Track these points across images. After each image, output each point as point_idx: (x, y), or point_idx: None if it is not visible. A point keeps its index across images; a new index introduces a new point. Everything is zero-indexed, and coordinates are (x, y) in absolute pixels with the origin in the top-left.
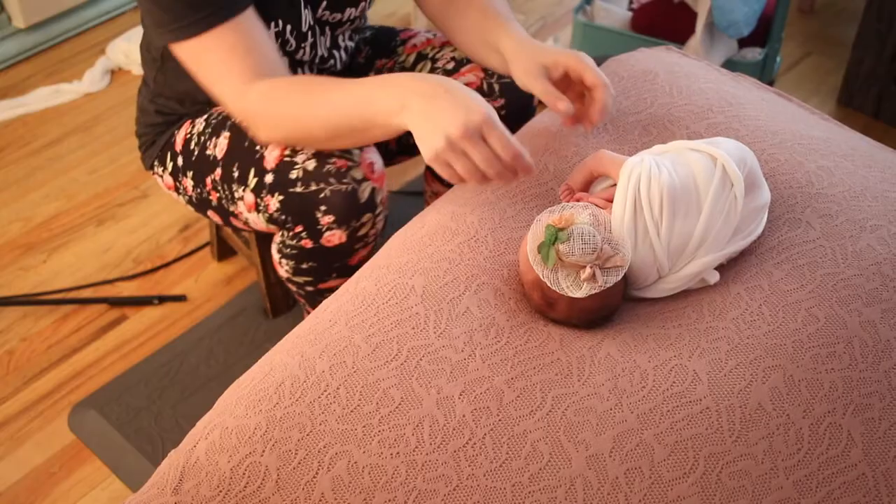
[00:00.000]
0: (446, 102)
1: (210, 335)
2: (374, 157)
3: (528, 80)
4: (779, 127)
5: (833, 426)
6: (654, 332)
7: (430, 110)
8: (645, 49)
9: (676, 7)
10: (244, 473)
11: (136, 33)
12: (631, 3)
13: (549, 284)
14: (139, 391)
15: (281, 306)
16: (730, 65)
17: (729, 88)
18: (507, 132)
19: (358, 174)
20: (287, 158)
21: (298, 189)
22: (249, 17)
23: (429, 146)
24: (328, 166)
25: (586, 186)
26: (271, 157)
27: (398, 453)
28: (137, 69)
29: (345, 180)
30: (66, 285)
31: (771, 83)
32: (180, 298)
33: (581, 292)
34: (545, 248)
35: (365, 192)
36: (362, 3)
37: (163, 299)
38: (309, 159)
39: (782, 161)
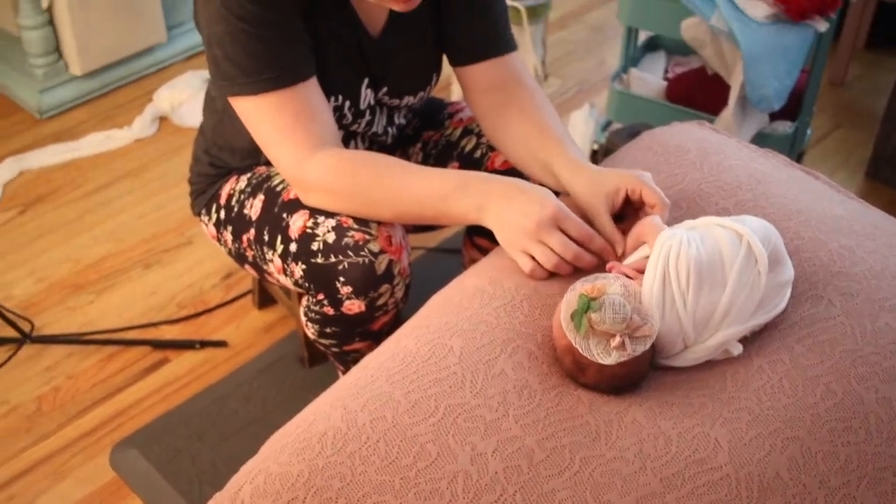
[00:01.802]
0: (521, 202)
1: (249, 381)
2: (393, 229)
3: (593, 215)
4: (804, 205)
5: (847, 498)
6: (679, 400)
7: (508, 210)
8: (678, 123)
9: (710, 79)
10: None
11: (180, 81)
12: (666, 73)
13: (580, 350)
14: (179, 432)
15: (318, 356)
16: (760, 137)
17: (758, 166)
18: (579, 219)
19: (375, 247)
20: (309, 230)
21: (319, 260)
22: (314, 86)
23: (509, 241)
24: (346, 239)
25: (635, 246)
26: (295, 227)
27: None
28: (179, 120)
29: (362, 253)
30: (112, 326)
31: (801, 155)
32: (221, 344)
33: (611, 359)
34: (578, 315)
35: (382, 264)
36: (421, 93)
37: (204, 344)
38: (329, 232)
39: (806, 239)
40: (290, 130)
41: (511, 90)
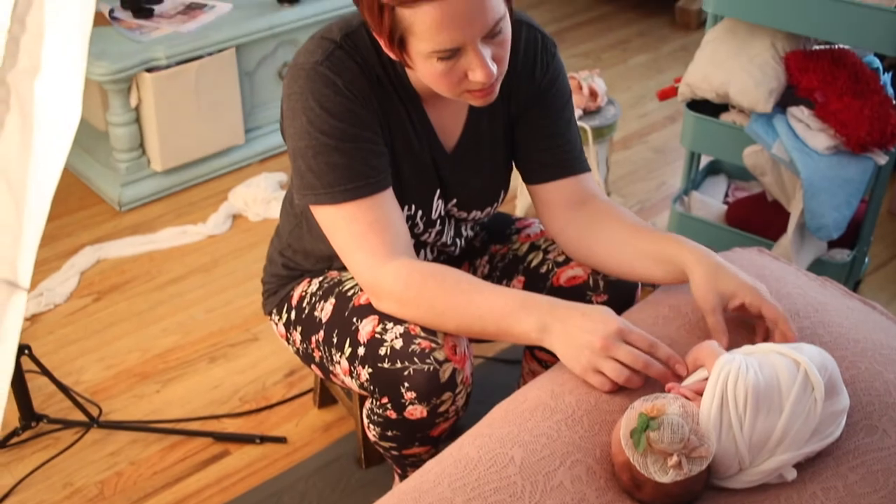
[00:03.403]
0: (584, 321)
1: (305, 478)
2: (458, 339)
3: (704, 308)
4: (861, 336)
5: None
6: None
7: (570, 331)
8: (739, 249)
9: (770, 205)
10: None
11: (256, 181)
12: (726, 196)
13: (638, 468)
14: None
15: (374, 458)
16: (818, 264)
17: (816, 294)
18: (641, 330)
19: (440, 355)
20: (378, 335)
21: (386, 365)
22: (390, 197)
23: (576, 361)
24: (413, 346)
25: (693, 369)
26: (364, 332)
27: None
28: (254, 216)
29: (427, 360)
30: (176, 416)
31: (857, 283)
32: (280, 440)
33: (667, 478)
34: (637, 433)
35: (446, 372)
36: (488, 208)
37: (264, 439)
38: (397, 338)
39: (862, 369)
40: (365, 239)
41: (594, 205)
